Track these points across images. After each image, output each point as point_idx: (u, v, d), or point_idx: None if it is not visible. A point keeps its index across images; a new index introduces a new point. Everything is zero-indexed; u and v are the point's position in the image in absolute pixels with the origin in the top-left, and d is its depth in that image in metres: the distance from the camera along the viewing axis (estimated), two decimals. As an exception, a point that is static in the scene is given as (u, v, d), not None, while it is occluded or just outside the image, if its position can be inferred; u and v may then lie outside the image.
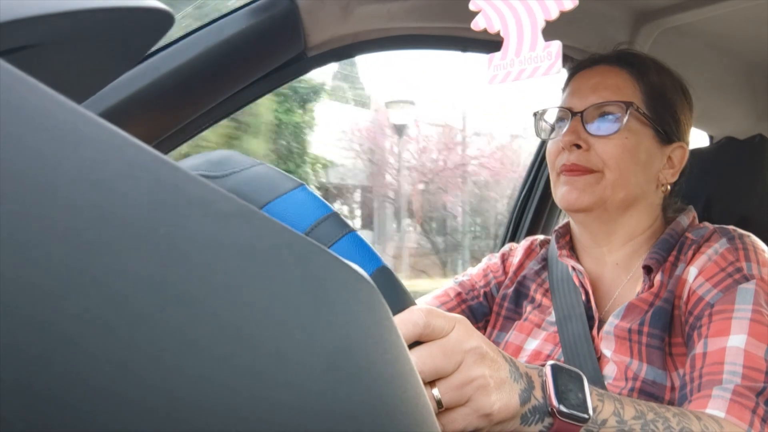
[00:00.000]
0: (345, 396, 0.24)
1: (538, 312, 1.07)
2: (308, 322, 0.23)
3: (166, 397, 0.19)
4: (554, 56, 0.59)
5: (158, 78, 0.92)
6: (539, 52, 0.60)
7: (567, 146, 0.97)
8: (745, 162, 1.42)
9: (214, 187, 0.22)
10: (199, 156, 0.56)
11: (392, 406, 0.26)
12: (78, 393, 0.18)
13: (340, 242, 0.52)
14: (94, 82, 0.43)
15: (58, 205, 0.18)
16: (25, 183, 0.18)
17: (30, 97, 0.19)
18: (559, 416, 0.58)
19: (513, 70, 0.62)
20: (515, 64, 0.62)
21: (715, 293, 0.87)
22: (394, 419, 0.26)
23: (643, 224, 1.03)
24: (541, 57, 0.60)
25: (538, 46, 0.60)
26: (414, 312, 0.53)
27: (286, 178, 0.54)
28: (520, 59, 0.61)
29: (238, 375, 0.21)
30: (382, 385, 0.26)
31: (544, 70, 0.60)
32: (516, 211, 1.81)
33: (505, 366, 0.58)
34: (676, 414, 0.68)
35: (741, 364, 0.79)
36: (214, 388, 0.20)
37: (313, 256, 0.25)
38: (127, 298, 0.19)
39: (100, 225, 0.19)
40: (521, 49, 0.61)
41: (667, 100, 1.01)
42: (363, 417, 0.25)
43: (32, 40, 0.29)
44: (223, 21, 0.99)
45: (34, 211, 0.18)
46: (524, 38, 0.61)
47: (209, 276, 0.21)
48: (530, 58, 0.61)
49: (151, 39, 0.41)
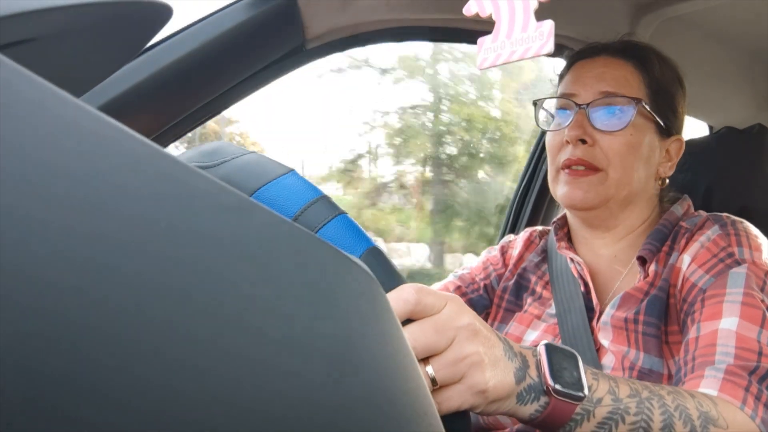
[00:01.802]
0: (346, 387, 0.24)
1: (539, 304, 1.07)
2: (309, 314, 0.23)
3: (168, 389, 0.19)
4: (546, 36, 0.58)
5: (157, 71, 0.92)
6: (531, 32, 0.59)
7: (573, 141, 0.96)
8: (744, 152, 1.41)
9: (214, 180, 0.22)
10: (193, 149, 0.57)
11: (393, 397, 0.26)
12: (81, 386, 0.18)
13: (330, 224, 0.52)
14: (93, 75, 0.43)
15: (58, 200, 0.18)
16: (24, 177, 0.18)
17: (29, 91, 0.19)
18: (555, 395, 0.58)
19: (504, 51, 0.61)
20: (506, 46, 0.61)
21: (707, 279, 0.88)
22: (395, 410, 0.26)
23: (642, 217, 1.03)
24: (533, 37, 0.59)
25: (530, 27, 0.59)
26: (405, 289, 0.53)
27: (276, 164, 0.55)
28: (511, 41, 0.60)
29: (239, 366, 0.21)
30: (383, 377, 0.26)
31: (536, 49, 0.59)
32: (516, 202, 1.80)
33: (498, 344, 0.58)
34: (670, 392, 0.68)
35: (733, 345, 0.79)
36: (216, 379, 0.20)
37: (312, 249, 0.25)
38: (127, 291, 0.19)
39: (100, 219, 0.19)
40: (513, 31, 0.60)
41: (669, 93, 1.01)
42: (364, 408, 0.25)
43: (31, 34, 0.29)
44: (222, 13, 0.99)
45: (34, 205, 0.18)
46: (516, 20, 0.60)
47: (209, 268, 0.21)
48: (522, 38, 0.59)
49: (149, 32, 0.41)
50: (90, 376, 0.18)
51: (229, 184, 0.23)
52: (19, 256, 0.17)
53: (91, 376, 0.18)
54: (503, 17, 0.61)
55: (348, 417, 0.24)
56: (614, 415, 0.62)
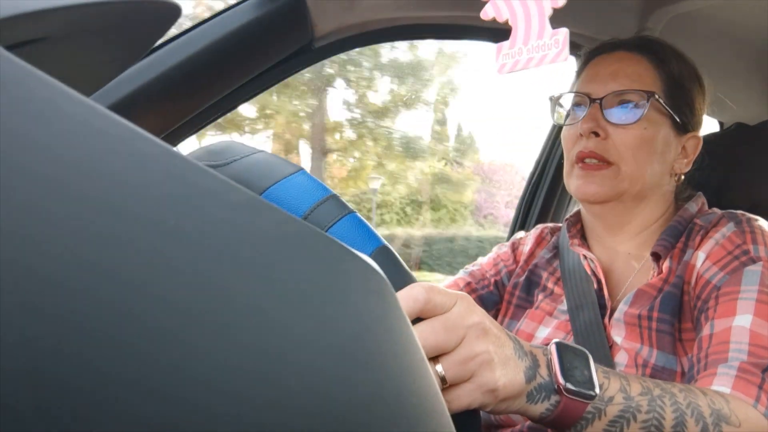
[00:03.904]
0: (357, 384, 0.24)
1: (550, 300, 1.06)
2: (319, 311, 0.23)
3: (178, 381, 0.19)
4: (561, 44, 0.59)
5: (166, 70, 0.92)
6: (547, 39, 0.60)
7: (585, 133, 0.96)
8: (756, 148, 1.40)
9: (222, 179, 0.22)
10: (201, 148, 0.57)
11: (402, 394, 0.26)
12: (91, 383, 0.18)
13: (339, 223, 0.52)
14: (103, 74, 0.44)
15: (68, 198, 0.18)
16: (35, 176, 0.18)
17: (39, 90, 0.19)
18: (566, 393, 0.58)
19: (521, 58, 0.62)
20: (523, 53, 0.62)
21: (722, 276, 0.87)
22: (405, 408, 0.26)
23: (657, 214, 1.03)
24: (549, 45, 0.60)
25: (546, 34, 0.60)
26: (415, 288, 0.53)
27: (286, 163, 0.55)
28: (528, 48, 0.61)
29: (247, 364, 0.21)
30: (393, 375, 0.26)
31: (552, 57, 0.60)
32: (526, 198, 1.80)
33: (508, 343, 0.58)
34: (682, 390, 0.68)
35: (746, 342, 0.79)
36: (223, 377, 0.20)
37: (322, 246, 0.25)
38: (137, 289, 0.19)
39: (110, 217, 0.19)
40: (529, 38, 0.61)
41: (686, 89, 1.00)
42: (373, 405, 0.25)
43: (41, 33, 0.30)
44: (230, 12, 0.99)
45: (44, 204, 0.18)
46: (532, 26, 0.61)
47: (219, 267, 0.21)
48: (538, 46, 0.60)
49: (158, 31, 0.41)
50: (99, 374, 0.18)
51: (239, 183, 0.23)
52: (27, 255, 0.17)
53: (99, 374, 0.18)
54: (519, 23, 0.62)
55: (357, 414, 0.24)
56: (626, 413, 0.62)
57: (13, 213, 0.17)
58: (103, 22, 0.34)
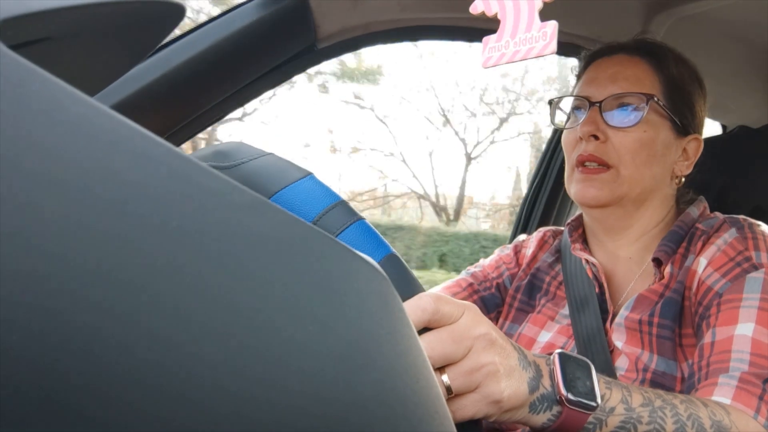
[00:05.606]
0: (357, 386, 0.24)
1: (552, 304, 1.06)
2: (321, 313, 0.23)
3: (182, 383, 0.19)
4: (549, 36, 0.58)
5: (170, 70, 0.92)
6: (534, 32, 0.59)
7: (585, 136, 0.96)
8: (758, 151, 1.40)
9: (226, 179, 0.22)
10: (209, 147, 0.56)
11: (404, 396, 0.26)
12: (95, 383, 0.18)
13: (348, 230, 0.52)
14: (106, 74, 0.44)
15: (71, 198, 0.18)
16: (39, 176, 0.18)
17: (43, 90, 0.19)
18: (568, 404, 0.58)
19: (507, 51, 0.61)
20: (510, 46, 0.61)
21: (724, 283, 0.87)
22: (406, 409, 0.26)
23: (657, 217, 1.02)
24: (536, 37, 0.59)
25: (534, 27, 0.59)
26: (423, 298, 0.53)
27: (295, 167, 0.54)
28: (515, 40, 0.60)
29: (250, 364, 0.21)
30: (394, 376, 0.26)
31: (539, 50, 0.59)
32: (528, 201, 1.80)
33: (513, 354, 0.58)
34: (683, 401, 0.68)
35: (748, 351, 0.79)
36: (226, 377, 0.20)
37: (325, 248, 0.25)
38: (140, 290, 0.19)
39: (113, 217, 0.19)
40: (517, 30, 0.60)
41: (686, 92, 1.00)
42: (375, 407, 0.25)
43: (45, 33, 0.30)
44: (234, 13, 0.99)
45: (48, 203, 0.18)
46: (521, 19, 0.60)
47: (222, 268, 0.21)
48: (525, 38, 0.60)
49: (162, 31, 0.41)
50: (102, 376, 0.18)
51: (247, 187, 0.23)
52: (29, 255, 0.17)
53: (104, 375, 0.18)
54: (508, 16, 0.61)
55: (358, 415, 0.24)
56: (627, 424, 0.62)
57: (16, 212, 0.17)
58: (107, 22, 0.34)
